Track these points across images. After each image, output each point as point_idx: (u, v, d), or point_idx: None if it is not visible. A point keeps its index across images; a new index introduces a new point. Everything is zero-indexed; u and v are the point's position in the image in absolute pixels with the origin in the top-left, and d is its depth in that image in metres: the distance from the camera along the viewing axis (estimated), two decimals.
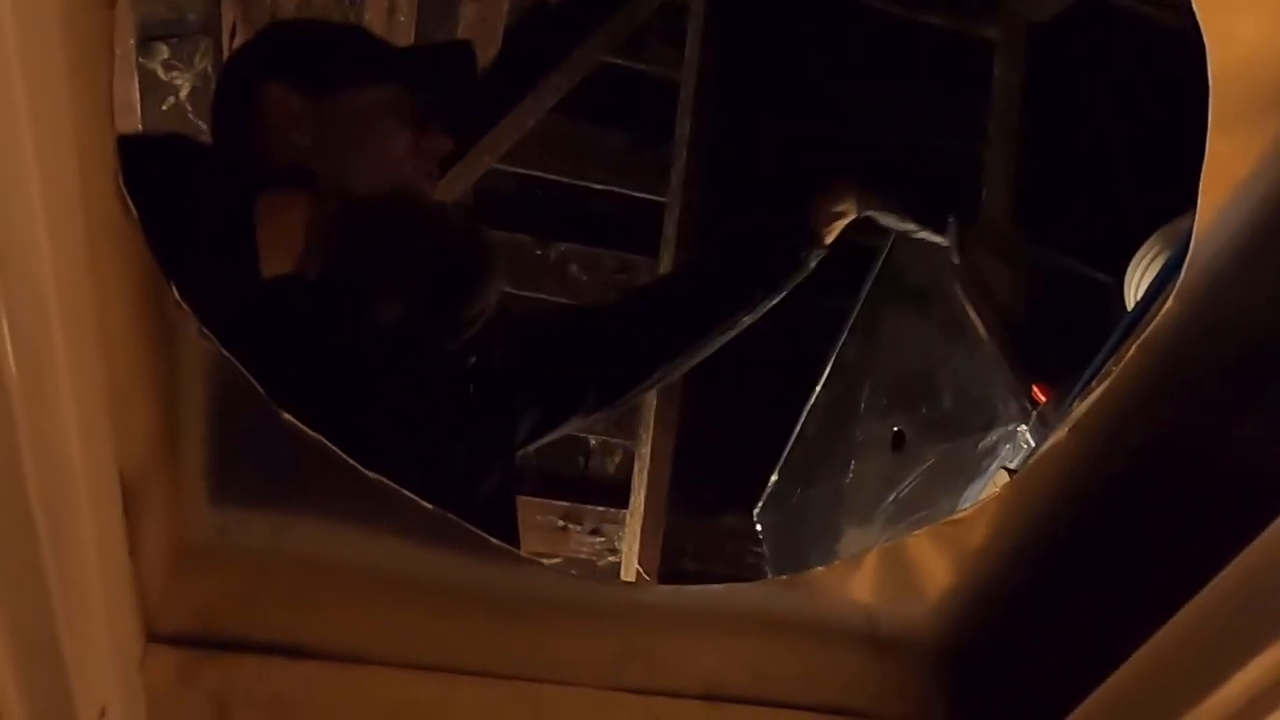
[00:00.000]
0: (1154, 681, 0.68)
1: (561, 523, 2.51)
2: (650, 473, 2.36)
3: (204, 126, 1.88)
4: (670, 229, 2.41)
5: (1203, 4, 0.46)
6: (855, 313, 1.94)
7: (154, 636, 0.67)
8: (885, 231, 1.94)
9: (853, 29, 2.65)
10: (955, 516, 0.71)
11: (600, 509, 2.64)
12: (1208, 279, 0.55)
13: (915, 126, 2.69)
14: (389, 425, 0.89)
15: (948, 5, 2.73)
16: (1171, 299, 0.55)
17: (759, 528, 2.24)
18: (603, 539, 2.61)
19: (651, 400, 2.41)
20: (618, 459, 2.59)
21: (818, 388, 2.01)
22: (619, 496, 2.47)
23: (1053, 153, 2.62)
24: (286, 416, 0.59)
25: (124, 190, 0.45)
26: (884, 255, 1.92)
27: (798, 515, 2.08)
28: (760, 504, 2.22)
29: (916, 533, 0.73)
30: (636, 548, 2.23)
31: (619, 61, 2.48)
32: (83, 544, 0.49)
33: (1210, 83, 0.50)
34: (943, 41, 2.73)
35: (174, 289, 0.48)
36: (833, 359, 1.98)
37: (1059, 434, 0.63)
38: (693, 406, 2.43)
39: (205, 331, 0.52)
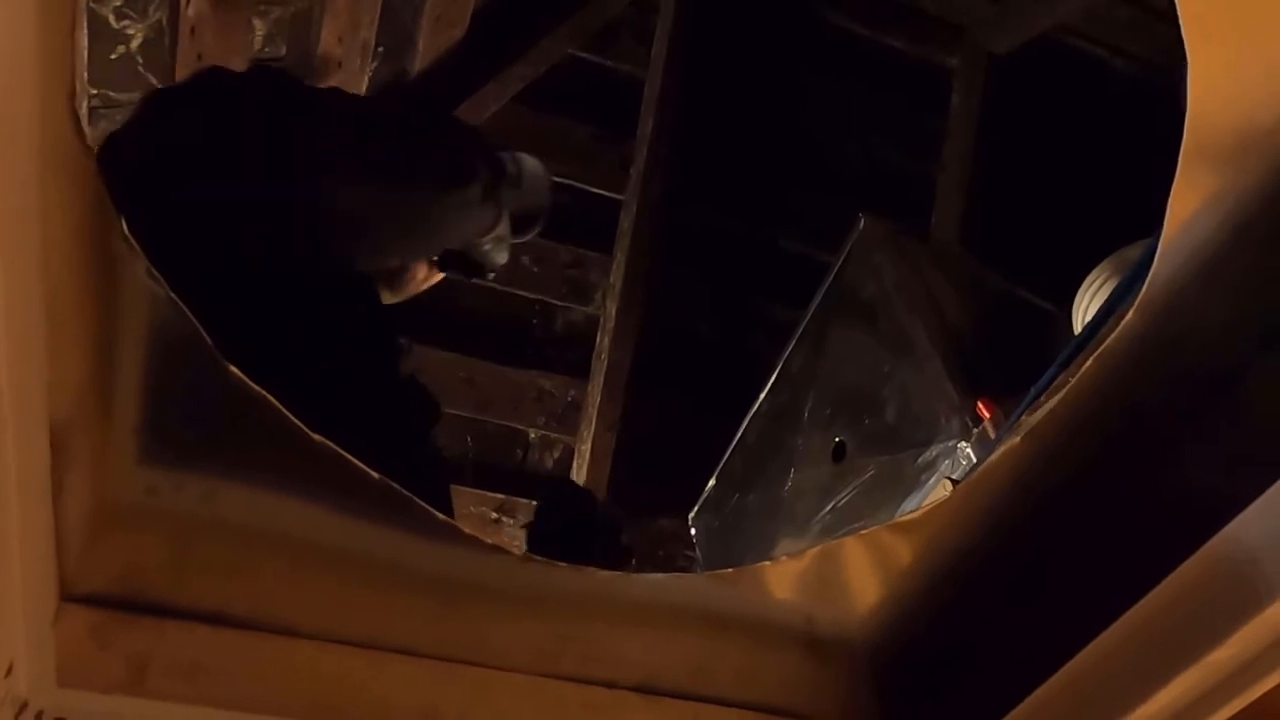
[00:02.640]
0: (1086, 691, 0.70)
1: (495, 515, 2.48)
2: (588, 470, 2.35)
3: (153, 80, 1.81)
4: (626, 225, 2.40)
5: (1191, 37, 0.47)
6: (804, 324, 1.95)
7: (70, 595, 0.64)
8: (839, 247, 1.96)
9: (819, 45, 2.68)
10: (904, 518, 0.72)
11: (535, 503, 2.62)
12: (1168, 295, 0.56)
13: (872, 143, 2.72)
14: (337, 390, 0.86)
15: (912, 30, 2.78)
16: (1131, 312, 0.56)
17: (693, 531, 2.24)
18: None
19: (595, 398, 2.40)
20: (556, 454, 2.57)
21: (762, 395, 2.02)
22: None
23: (1003, 180, 2.68)
24: (233, 370, 0.56)
25: (79, 115, 0.42)
26: (835, 270, 1.94)
27: (733, 521, 2.09)
28: (696, 508, 2.22)
29: (864, 531, 0.73)
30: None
31: (586, 55, 2.46)
32: (2, 485, 0.46)
33: (1189, 109, 0.51)
34: (904, 65, 2.78)
35: (123, 222, 0.46)
36: (779, 368, 1.99)
37: (1011, 440, 0.64)
38: (635, 407, 2.43)
39: (153, 272, 0.49)
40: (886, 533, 0.78)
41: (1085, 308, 1.19)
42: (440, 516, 0.66)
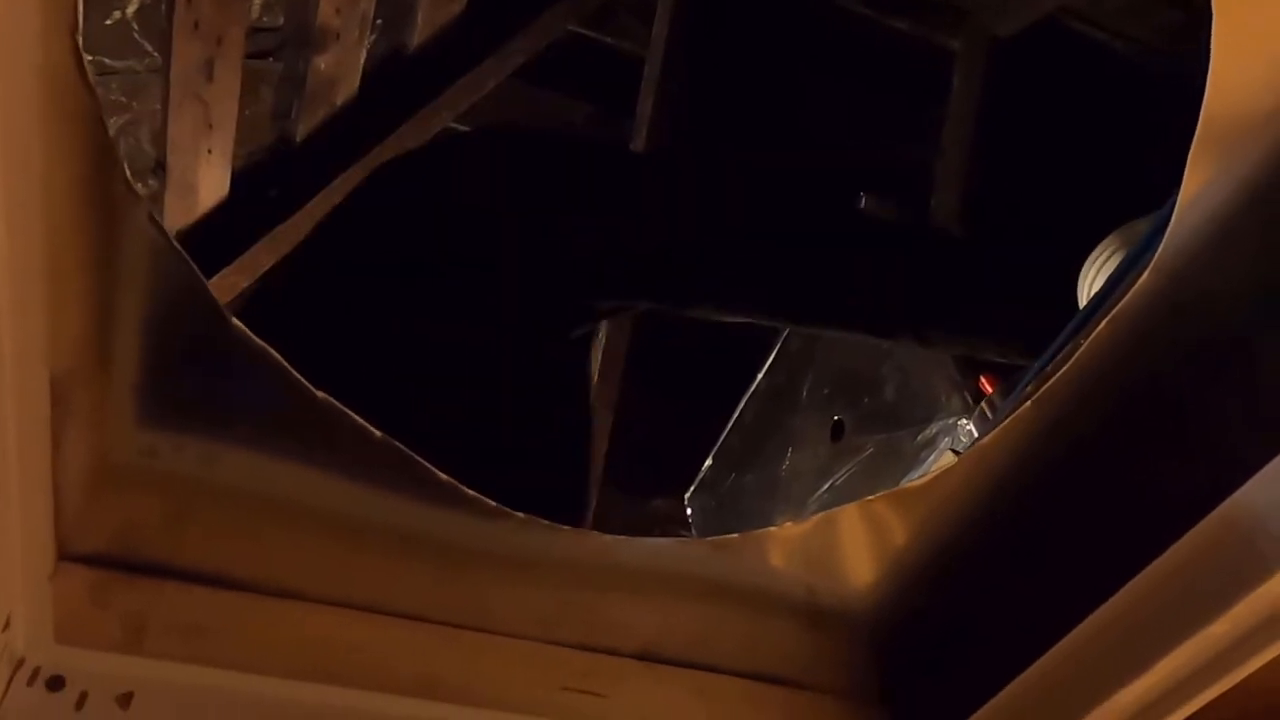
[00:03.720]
0: (1088, 662, 0.69)
1: None
2: None
3: (148, 47, 1.79)
4: None
5: (1217, 6, 0.47)
6: None
7: (67, 554, 0.63)
8: None
9: (819, 25, 2.66)
10: (908, 485, 0.71)
11: None
12: (1183, 257, 0.55)
13: (872, 125, 2.71)
14: (340, 348, 0.86)
15: (914, 12, 2.76)
16: (1147, 273, 0.56)
17: (689, 511, 2.24)
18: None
19: (591, 378, 2.39)
20: None
21: (759, 375, 2.02)
22: None
23: (1002, 163, 2.67)
24: (236, 323, 0.56)
25: (80, 52, 0.41)
26: None
27: (730, 501, 2.09)
28: (692, 488, 2.22)
29: (867, 500, 0.73)
30: None
31: (586, 31, 2.44)
32: (1, 436, 0.45)
33: (1210, 75, 0.50)
34: (907, 47, 2.76)
35: (125, 168, 0.45)
36: (777, 347, 1.98)
37: (1021, 406, 0.63)
38: (632, 387, 2.42)
39: (155, 219, 0.48)
40: (889, 502, 0.78)
41: (1091, 281, 1.19)
42: (442, 477, 0.65)
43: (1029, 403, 0.63)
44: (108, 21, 1.74)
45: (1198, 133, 0.51)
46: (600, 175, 1.14)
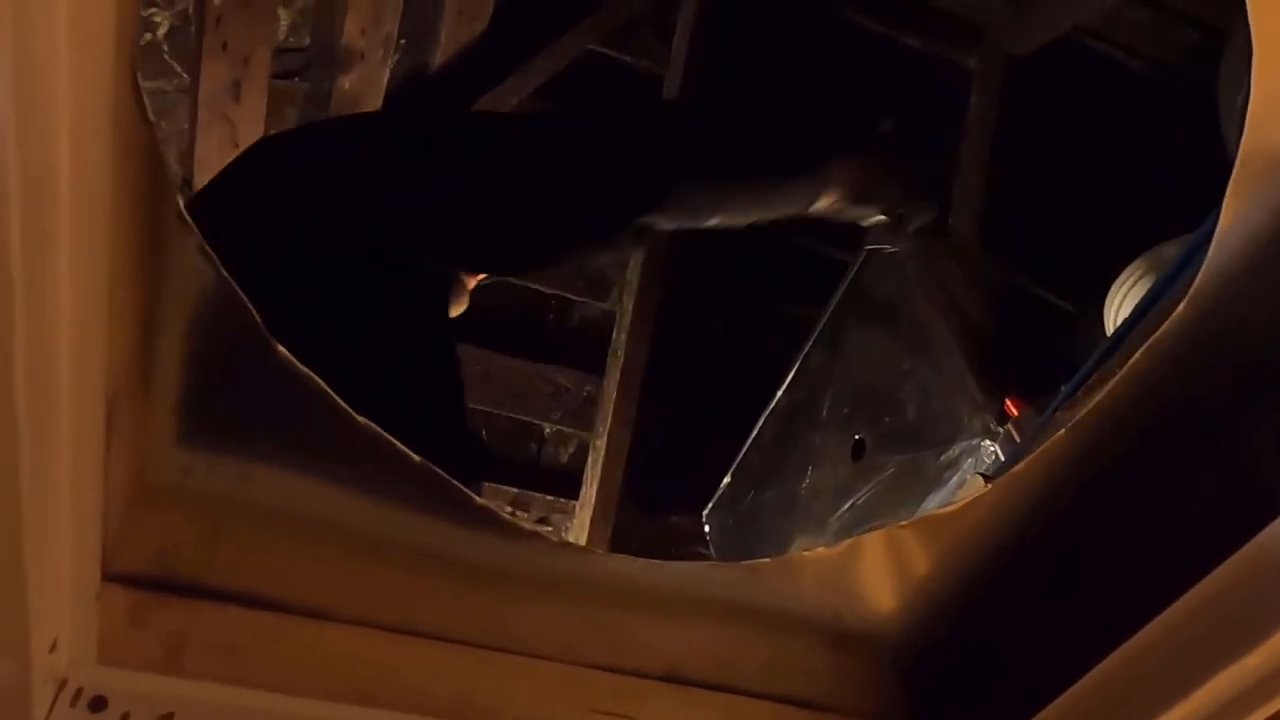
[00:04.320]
0: (1114, 693, 0.69)
1: (509, 509, 2.48)
2: (604, 466, 2.34)
3: (178, 69, 1.82)
4: None
5: (1260, 30, 0.47)
6: (823, 322, 1.95)
7: (108, 574, 0.64)
8: (857, 243, 1.96)
9: (838, 43, 2.67)
10: (938, 512, 0.71)
11: (550, 498, 2.61)
12: (1219, 286, 0.55)
13: (890, 141, 2.72)
14: (379, 372, 0.87)
15: (931, 31, 2.77)
16: (1184, 303, 0.56)
17: (707, 529, 2.24)
18: (550, 529, 2.58)
19: (610, 393, 2.40)
20: (571, 449, 2.56)
21: (779, 392, 2.02)
22: (570, 487, 2.44)
23: (1020, 182, 2.67)
24: (280, 349, 0.56)
25: (140, 88, 0.42)
26: (854, 268, 1.93)
27: (748, 519, 2.08)
28: (711, 504, 2.21)
29: (896, 527, 0.73)
30: (584, 539, 2.21)
31: (606, 51, 2.46)
32: (59, 459, 0.46)
33: (1252, 102, 0.50)
34: (923, 65, 2.77)
35: (180, 197, 0.46)
36: (797, 365, 1.98)
37: (1054, 434, 0.64)
38: (651, 403, 2.42)
39: (206, 248, 0.49)
40: (918, 528, 0.78)
41: (1118, 306, 1.18)
42: (477, 501, 0.66)
43: (1062, 431, 0.63)
44: (139, 43, 1.77)
45: (1238, 161, 0.51)
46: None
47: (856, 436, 1.68)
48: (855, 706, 0.82)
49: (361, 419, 0.61)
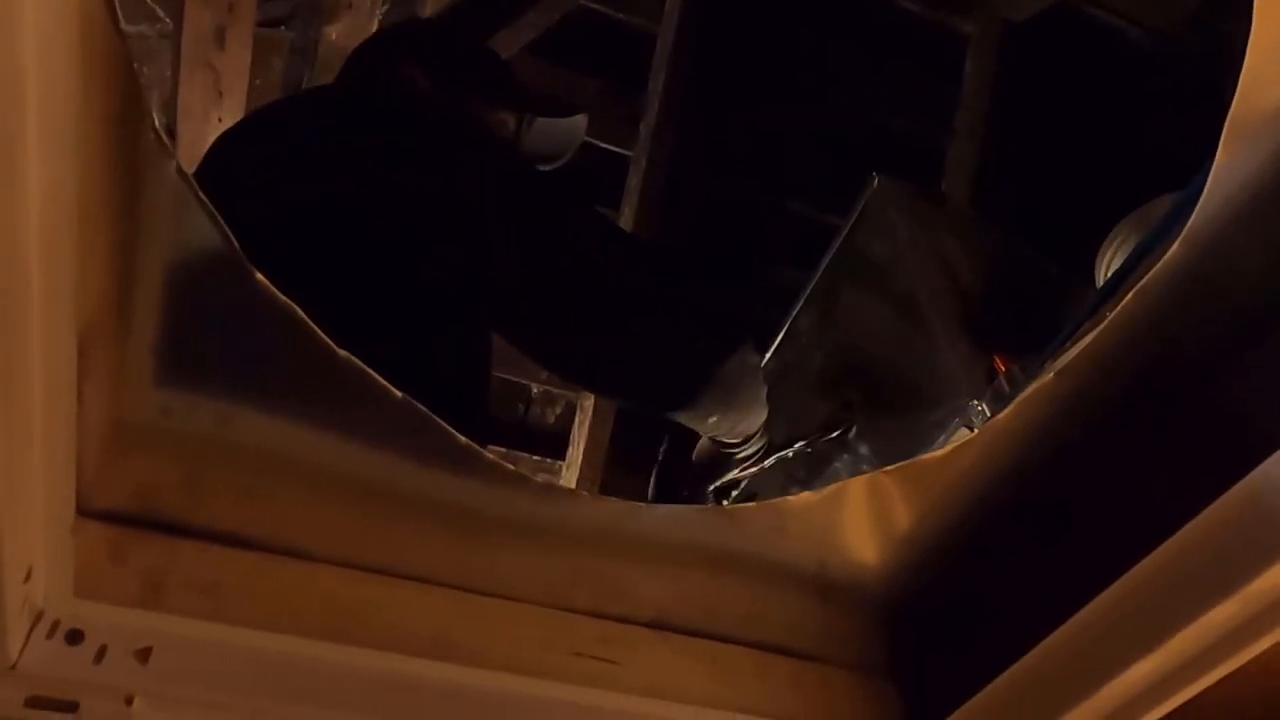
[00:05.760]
0: (1096, 639, 0.69)
1: None
2: (591, 426, 2.34)
3: (160, 13, 1.78)
4: (634, 182, 2.38)
5: None
6: (813, 283, 1.94)
7: (86, 510, 0.63)
8: (848, 209, 1.95)
9: (834, 5, 2.64)
10: (925, 458, 0.71)
11: (536, 458, 2.62)
12: (1212, 230, 0.55)
13: (884, 105, 2.70)
14: (365, 307, 0.85)
15: None
16: (1176, 244, 0.55)
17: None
18: None
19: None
20: (558, 410, 2.56)
21: (768, 354, 2.01)
22: (557, 447, 2.45)
23: (1014, 148, 2.66)
24: (259, 278, 0.55)
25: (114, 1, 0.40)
26: (845, 231, 1.92)
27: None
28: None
29: (881, 472, 0.73)
30: None
31: (598, 6, 2.43)
32: (30, 385, 0.45)
33: (1248, 53, 0.49)
34: (920, 30, 2.74)
35: (155, 116, 0.44)
36: (786, 326, 1.98)
37: (1044, 378, 0.63)
38: None
39: (183, 171, 0.48)
40: (903, 476, 0.77)
41: (1109, 261, 1.18)
42: (461, 440, 0.65)
43: (1050, 375, 0.62)
44: None
45: (1234, 105, 0.50)
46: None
47: (846, 398, 1.68)
48: (838, 655, 0.83)
49: (343, 353, 0.60)
